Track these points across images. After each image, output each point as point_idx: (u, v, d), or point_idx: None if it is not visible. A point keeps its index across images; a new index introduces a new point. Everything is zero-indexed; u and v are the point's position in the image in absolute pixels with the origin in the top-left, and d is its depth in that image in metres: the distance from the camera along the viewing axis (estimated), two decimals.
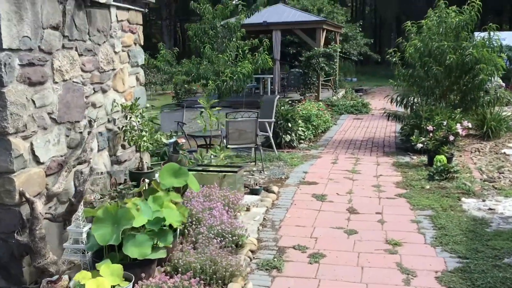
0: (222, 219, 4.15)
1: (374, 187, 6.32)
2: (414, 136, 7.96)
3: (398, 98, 9.74)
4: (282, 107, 9.42)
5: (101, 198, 3.96)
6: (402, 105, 9.79)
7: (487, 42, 9.12)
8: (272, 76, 17.45)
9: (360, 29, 24.64)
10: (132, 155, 5.07)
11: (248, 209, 5.00)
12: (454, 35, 9.36)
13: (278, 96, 8.69)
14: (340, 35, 21.78)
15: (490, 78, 9.09)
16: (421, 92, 9.75)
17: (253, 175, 7.17)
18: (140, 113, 4.66)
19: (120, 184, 4.52)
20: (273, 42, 16.98)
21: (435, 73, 8.94)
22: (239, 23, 11.13)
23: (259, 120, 8.57)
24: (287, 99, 16.73)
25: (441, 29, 9.41)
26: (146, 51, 11.35)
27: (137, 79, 5.13)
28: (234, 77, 10.71)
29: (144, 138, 4.63)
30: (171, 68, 11.34)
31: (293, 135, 9.34)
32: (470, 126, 7.89)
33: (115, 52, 4.59)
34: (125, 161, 4.83)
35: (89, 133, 3.99)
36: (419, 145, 7.67)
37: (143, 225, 3.47)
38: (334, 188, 6.27)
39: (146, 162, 4.74)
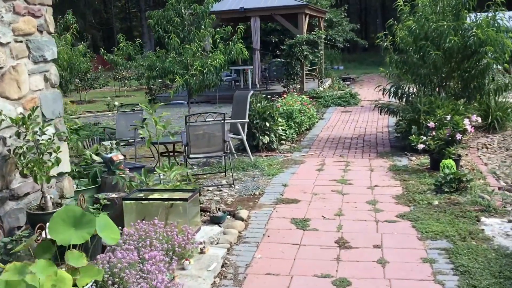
0: (155, 285, 2.84)
1: (369, 205, 5.05)
2: (413, 136, 6.70)
3: (392, 89, 8.46)
4: (259, 104, 8.11)
5: None
6: (396, 97, 8.52)
7: (491, 21, 7.86)
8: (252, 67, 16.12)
9: (345, 14, 23.32)
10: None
11: (202, 251, 3.70)
12: (454, 14, 8.09)
13: (251, 92, 7.38)
14: (324, 20, 20.44)
15: (496, 62, 7.85)
16: (416, 80, 8.49)
17: (220, 190, 5.87)
18: (40, 129, 3.31)
19: (18, 228, 3.20)
20: (252, 30, 15.65)
21: (434, 58, 7.67)
22: (208, 8, 9.76)
23: (231, 121, 7.27)
24: (266, 93, 15.43)
25: (438, 8, 8.14)
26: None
27: (46, 79, 3.78)
28: (205, 71, 9.35)
29: (48, 164, 3.29)
30: (131, 63, 9.95)
31: (272, 135, 8.05)
32: (479, 120, 6.64)
33: (0, 44, 3.24)
34: (27, 194, 3.50)
35: None
36: (421, 146, 6.40)
37: None
38: (319, 208, 4.99)
39: (51, 198, 3.40)
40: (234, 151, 7.73)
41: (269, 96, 13.95)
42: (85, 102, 17.75)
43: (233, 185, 6.00)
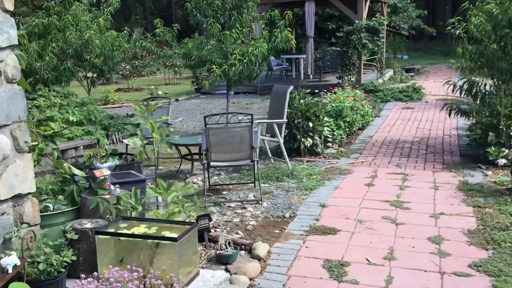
0: None
1: (432, 243, 3.82)
2: (491, 147, 5.31)
3: (465, 86, 7.02)
4: (302, 100, 6.96)
5: None
6: (470, 95, 7.07)
7: None
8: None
9: None
10: None
11: None
12: None
13: (291, 87, 6.25)
14: (388, 6, 18.76)
15: None
16: (495, 76, 7.01)
17: (244, 208, 4.82)
18: None
19: None
20: (306, 16, 14.39)
21: None
22: None
23: (265, 121, 6.19)
24: (319, 85, 14.16)
25: None
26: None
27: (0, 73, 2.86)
28: (245, 60, 8.30)
29: None
30: (167, 51, 9.07)
31: (317, 137, 6.89)
32: None
33: None
34: None
35: None
36: (502, 161, 5.03)
37: None
38: (363, 245, 3.83)
39: None
40: (270, 155, 6.66)
41: (316, 91, 12.78)
42: (132, 90, 17.24)
43: (260, 202, 4.93)
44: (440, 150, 7.03)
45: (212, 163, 4.99)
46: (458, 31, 7.43)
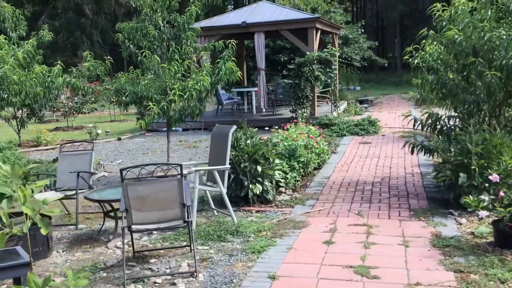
0: None
1: None
2: (470, 198, 4.53)
3: (428, 120, 6.35)
4: (249, 140, 6.08)
5: None
6: (433, 130, 6.40)
7: None
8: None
9: (363, 30, 21.34)
10: None
11: None
12: None
13: (234, 128, 5.36)
14: (339, 37, 18.49)
15: None
16: (459, 109, 6.42)
17: (174, 284, 3.81)
18: None
19: None
20: (256, 48, 13.75)
21: (489, 80, 5.58)
22: (191, 18, 7.84)
23: (202, 169, 5.27)
24: (272, 119, 13.43)
25: (489, 12, 6.08)
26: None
27: None
28: (185, 96, 7.40)
29: None
30: (97, 87, 8.04)
31: (267, 183, 6.00)
32: None
33: None
34: None
35: None
36: (484, 214, 4.26)
37: None
38: None
39: None
40: (213, 206, 5.70)
41: (268, 127, 12.02)
42: (72, 129, 15.95)
43: (195, 274, 3.93)
44: (404, 193, 6.28)
45: (134, 227, 3.98)
46: (416, 61, 6.85)
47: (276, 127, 13.10)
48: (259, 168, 5.88)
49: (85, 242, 4.95)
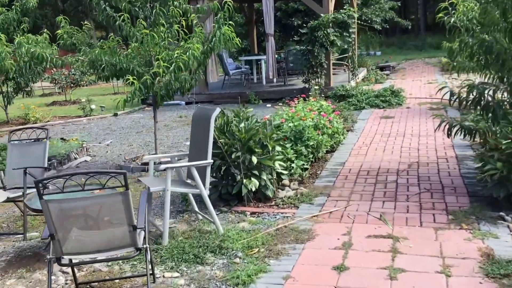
0: None
1: None
2: None
3: (471, 95, 5.00)
4: (242, 124, 4.87)
5: None
6: (478, 107, 5.07)
7: None
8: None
9: None
10: None
11: None
12: None
13: (217, 111, 4.13)
14: None
15: None
16: (510, 80, 5.07)
17: None
18: None
19: None
20: (264, 10, 12.32)
21: None
22: None
23: (173, 166, 4.10)
24: (284, 90, 12.11)
25: None
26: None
27: None
28: (170, 68, 6.19)
29: None
30: (68, 58, 6.86)
31: (265, 177, 4.81)
32: None
33: None
34: None
35: None
36: None
37: None
38: None
39: None
40: (197, 209, 4.54)
41: (280, 98, 10.65)
42: (69, 103, 14.91)
43: None
44: (438, 186, 5.02)
45: (64, 258, 2.85)
46: (453, 19, 5.51)
47: (288, 99, 11.85)
48: (255, 159, 4.68)
49: (27, 261, 3.86)
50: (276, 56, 13.72)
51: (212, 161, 4.01)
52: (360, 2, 17.82)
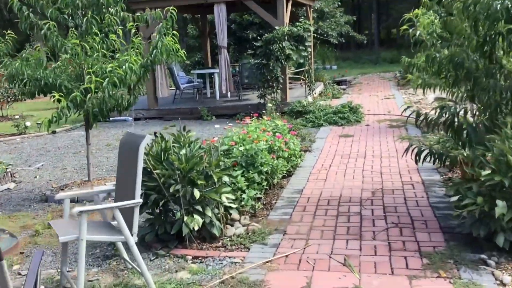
0: None
1: None
2: None
3: (441, 117, 4.45)
4: (182, 151, 4.13)
5: None
6: (450, 129, 4.53)
7: None
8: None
9: (339, 3, 19.35)
10: None
11: None
12: None
13: (148, 138, 3.37)
14: (313, 10, 16.53)
15: None
16: (482, 98, 4.58)
17: None
18: None
19: None
20: (216, 22, 11.68)
21: None
22: None
23: (97, 207, 3.32)
24: (238, 106, 11.46)
25: None
26: None
27: None
28: (104, 83, 5.39)
29: None
30: None
31: (209, 213, 4.09)
32: None
33: None
34: None
35: None
36: None
37: None
38: None
39: None
40: (125, 256, 3.76)
41: (235, 114, 9.94)
42: (6, 119, 13.68)
43: None
44: (407, 219, 4.45)
45: None
46: (418, 31, 5.06)
47: (243, 115, 11.19)
48: (197, 193, 3.95)
49: None
50: (232, 69, 13.08)
51: (141, 201, 3.24)
52: (316, 15, 17.50)
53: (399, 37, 32.88)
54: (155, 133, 4.38)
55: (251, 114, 10.83)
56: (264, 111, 9.68)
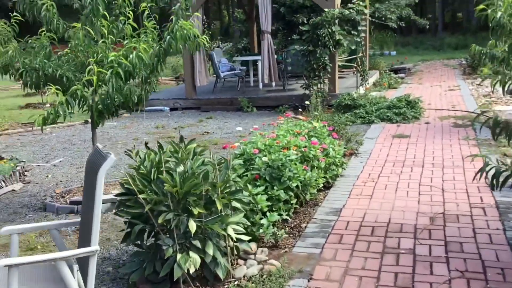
0: None
1: None
2: None
3: None
4: (180, 168, 3.19)
5: None
6: None
7: None
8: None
9: None
10: None
11: None
12: None
13: (111, 160, 2.48)
14: None
15: None
16: None
17: None
18: None
19: None
20: (259, 5, 10.66)
21: None
22: None
23: (32, 259, 2.39)
24: (281, 96, 10.41)
25: None
26: None
27: None
28: (107, 75, 4.56)
29: None
30: None
31: (211, 249, 3.14)
32: None
33: None
34: None
35: None
36: None
37: None
38: None
39: None
40: None
41: (278, 105, 8.87)
42: (43, 107, 13.35)
43: None
44: (477, 265, 3.31)
45: None
46: (499, 14, 3.88)
47: (287, 107, 10.18)
48: (193, 225, 3.01)
49: None
50: (278, 56, 12.05)
51: (98, 248, 2.33)
52: None
53: (467, 20, 30.45)
54: (146, 144, 3.47)
55: (297, 107, 9.81)
56: (308, 102, 8.62)
